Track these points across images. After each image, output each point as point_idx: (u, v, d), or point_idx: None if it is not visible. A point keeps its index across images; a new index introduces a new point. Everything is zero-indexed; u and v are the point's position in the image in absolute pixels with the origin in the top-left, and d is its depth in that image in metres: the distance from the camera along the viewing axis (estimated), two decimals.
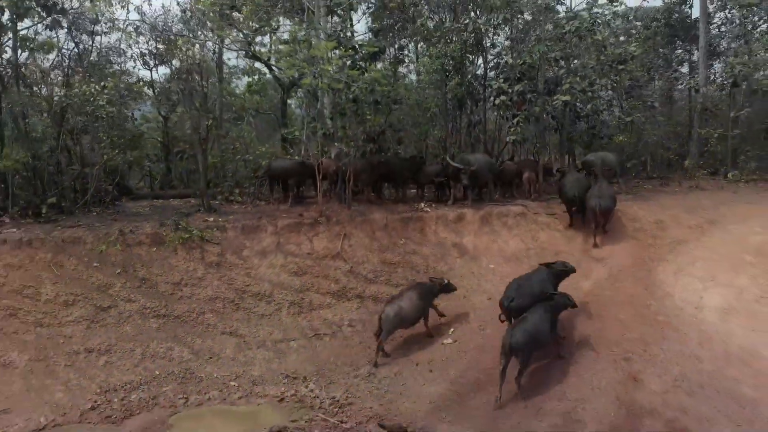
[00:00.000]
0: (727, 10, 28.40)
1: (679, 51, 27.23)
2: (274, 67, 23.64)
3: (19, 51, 15.03)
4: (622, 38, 26.98)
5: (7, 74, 13.33)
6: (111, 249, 11.61)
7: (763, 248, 11.50)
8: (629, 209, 14.53)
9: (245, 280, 11.82)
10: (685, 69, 27.67)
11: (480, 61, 18.40)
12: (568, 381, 8.93)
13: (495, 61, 18.19)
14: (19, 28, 14.54)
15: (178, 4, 19.36)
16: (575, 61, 18.60)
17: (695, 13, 26.81)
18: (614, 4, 16.44)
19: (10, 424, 8.93)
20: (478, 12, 18.28)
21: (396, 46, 21.47)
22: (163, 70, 22.93)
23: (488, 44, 17.69)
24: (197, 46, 19.25)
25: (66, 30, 16.49)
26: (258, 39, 23.80)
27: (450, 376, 9.60)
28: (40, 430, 8.81)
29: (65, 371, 9.97)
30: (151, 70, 21.60)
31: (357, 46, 15.65)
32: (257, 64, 24.62)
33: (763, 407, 8.34)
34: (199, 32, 19.22)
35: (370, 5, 21.39)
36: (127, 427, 8.77)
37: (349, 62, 14.77)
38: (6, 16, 13.99)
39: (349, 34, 18.86)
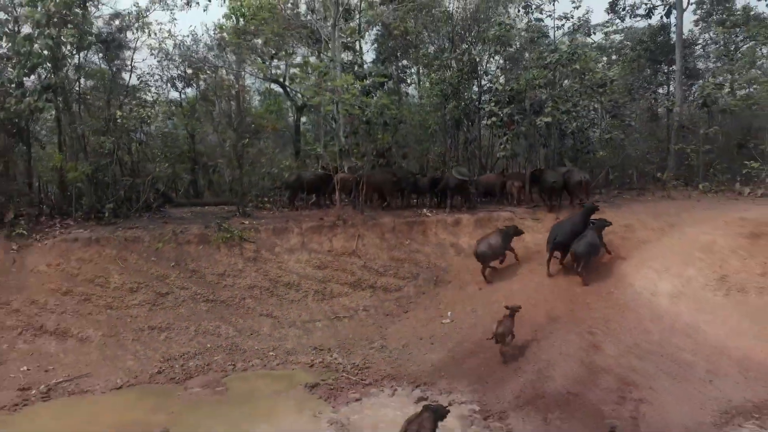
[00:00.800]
0: (711, 32, 30.95)
1: (659, 73, 29.64)
2: (289, 89, 26.11)
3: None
4: (614, 57, 29.49)
5: (71, 97, 15.64)
6: (165, 246, 13.84)
7: (710, 246, 13.62)
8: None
9: (277, 272, 14.00)
10: (668, 89, 30.08)
11: (475, 85, 20.78)
12: (541, 349, 11.02)
13: (488, 86, 20.55)
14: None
15: (216, 38, 21.58)
16: (566, 81, 20.89)
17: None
18: (592, 37, 18.86)
19: (93, 385, 11.04)
20: (473, 41, 20.69)
21: (399, 67, 23.94)
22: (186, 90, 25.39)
23: (482, 72, 20.06)
24: (224, 71, 21.76)
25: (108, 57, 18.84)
26: (274, 62, 26.30)
27: (448, 347, 11.72)
28: (117, 389, 10.93)
29: (133, 344, 12.11)
30: (180, 92, 24.09)
31: (368, 74, 17.98)
32: (272, 85, 27.08)
33: (698, 368, 10.45)
34: (227, 59, 21.69)
35: (377, 32, 23.93)
36: (189, 386, 10.89)
37: (360, 88, 17.09)
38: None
39: (359, 60, 21.30)
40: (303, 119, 27.66)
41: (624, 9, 29.66)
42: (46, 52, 15.00)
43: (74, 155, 15.38)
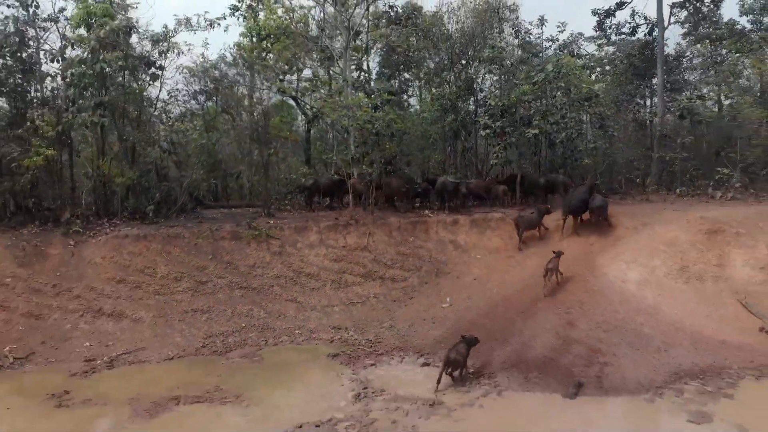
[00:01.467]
0: (699, 45, 33.18)
1: (643, 87, 31.83)
2: (300, 101, 28.30)
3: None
4: (607, 68, 31.63)
5: (117, 112, 17.79)
6: (203, 242, 15.89)
7: (673, 241, 15.65)
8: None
9: (300, 264, 16.06)
10: (651, 101, 32.26)
11: (471, 100, 22.96)
12: (526, 326, 13.01)
13: (483, 100, 22.73)
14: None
15: (236, 55, 23.69)
16: (556, 94, 22.96)
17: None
18: (585, 48, 21.02)
19: (149, 356, 13.03)
20: (469, 60, 22.89)
21: (401, 80, 26.15)
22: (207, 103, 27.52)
23: (477, 88, 22.26)
24: (244, 87, 23.91)
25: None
26: (287, 77, 28.46)
27: (447, 325, 13.74)
28: (170, 359, 12.94)
29: (179, 324, 14.14)
30: (202, 106, 26.22)
31: (375, 91, 20.15)
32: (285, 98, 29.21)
33: (655, 340, 12.41)
34: (246, 75, 23.83)
35: (381, 48, 26.15)
36: (230, 357, 12.89)
37: (370, 105, 19.28)
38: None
39: (367, 77, 23.45)
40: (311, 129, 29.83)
41: (610, 27, 32.09)
42: (92, 72, 17.13)
43: (118, 163, 17.51)
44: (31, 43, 18.46)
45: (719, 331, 12.77)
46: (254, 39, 25.34)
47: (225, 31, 29.17)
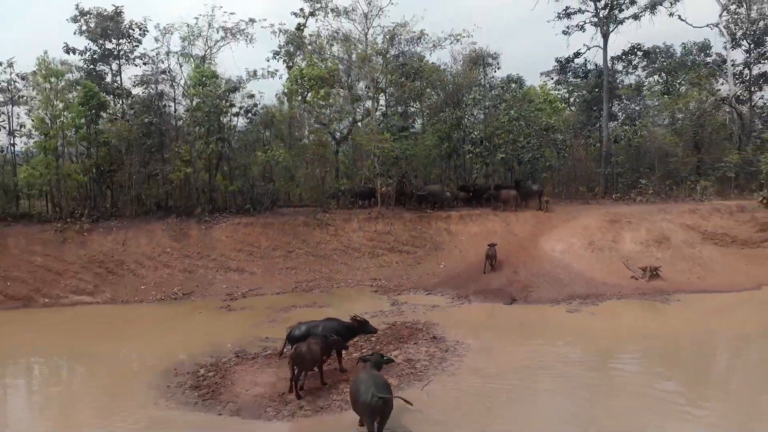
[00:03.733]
0: (657, 76, 41.62)
1: (594, 116, 40.24)
2: (329, 128, 36.79)
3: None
4: (584, 92, 40.04)
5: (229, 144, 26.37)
6: (287, 227, 24.20)
7: (587, 227, 23.78)
8: (537, 213, 27.24)
9: (348, 242, 24.31)
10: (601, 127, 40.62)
11: (461, 131, 31.41)
12: (489, 274, 21.47)
13: (468, 131, 31.21)
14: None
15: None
16: (520, 128, 31.28)
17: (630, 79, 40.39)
18: (533, 104, 29.61)
19: (264, 292, 21.01)
20: (458, 103, 31.34)
21: (407, 109, 34.68)
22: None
23: (465, 123, 30.74)
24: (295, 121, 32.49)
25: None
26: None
27: (441, 276, 21.90)
28: (277, 294, 21.14)
29: (278, 276, 22.39)
30: (262, 134, 34.76)
31: (393, 126, 28.64)
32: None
33: (564, 281, 20.37)
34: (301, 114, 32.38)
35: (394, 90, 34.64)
36: (313, 292, 21.16)
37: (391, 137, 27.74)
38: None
39: (387, 119, 31.97)
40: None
41: (569, 71, 40.80)
42: (213, 117, 25.68)
43: (225, 176, 26.05)
44: (163, 95, 27.13)
45: (605, 278, 20.90)
46: (297, 82, 33.93)
47: (279, 78, 37.94)
